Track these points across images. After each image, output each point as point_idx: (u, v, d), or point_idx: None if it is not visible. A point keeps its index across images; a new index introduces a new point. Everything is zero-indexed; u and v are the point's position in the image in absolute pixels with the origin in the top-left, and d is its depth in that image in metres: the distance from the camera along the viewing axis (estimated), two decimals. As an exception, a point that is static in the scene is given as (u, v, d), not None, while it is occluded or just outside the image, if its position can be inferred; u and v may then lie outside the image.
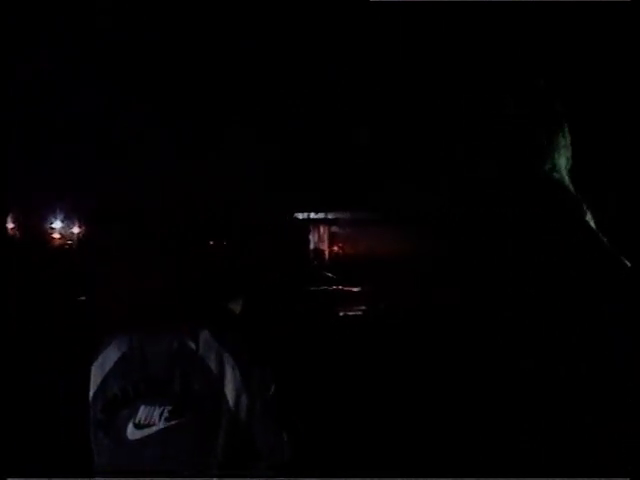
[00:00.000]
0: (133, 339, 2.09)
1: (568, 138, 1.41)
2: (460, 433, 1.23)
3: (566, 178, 1.38)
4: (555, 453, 1.19)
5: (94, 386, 2.14)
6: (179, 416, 1.97)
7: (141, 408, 2.00)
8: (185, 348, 2.02)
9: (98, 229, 2.09)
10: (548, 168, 1.37)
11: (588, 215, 1.34)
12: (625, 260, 1.27)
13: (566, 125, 1.41)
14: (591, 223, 1.33)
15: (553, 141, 1.38)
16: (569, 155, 1.40)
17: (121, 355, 2.11)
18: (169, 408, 1.98)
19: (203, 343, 2.02)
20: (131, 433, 2.00)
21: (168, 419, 1.97)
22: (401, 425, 1.29)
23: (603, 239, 1.30)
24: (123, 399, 2.04)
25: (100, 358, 2.16)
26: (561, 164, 1.39)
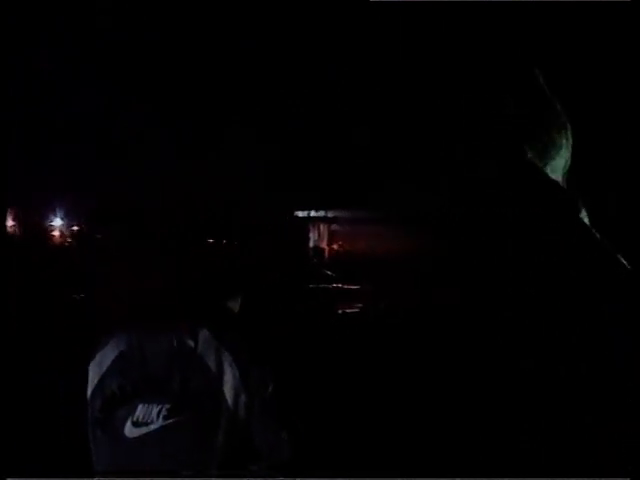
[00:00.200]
0: (132, 337, 2.09)
1: (570, 139, 1.41)
2: (460, 433, 1.24)
3: (561, 178, 1.38)
4: (555, 453, 1.19)
5: (92, 385, 2.14)
6: (177, 414, 1.97)
7: (139, 406, 2.00)
8: (184, 347, 2.02)
9: (98, 229, 2.09)
10: (546, 168, 1.37)
11: (583, 213, 1.34)
12: (621, 258, 1.27)
13: (569, 127, 1.41)
14: (585, 220, 1.33)
15: (554, 142, 1.38)
16: (568, 156, 1.40)
17: (119, 353, 2.11)
18: (167, 406, 1.98)
19: (202, 342, 2.02)
20: (129, 431, 2.00)
21: (166, 417, 1.97)
22: (401, 425, 1.29)
23: (598, 237, 1.30)
24: (121, 397, 2.04)
25: (98, 357, 2.16)
26: (559, 164, 1.39)
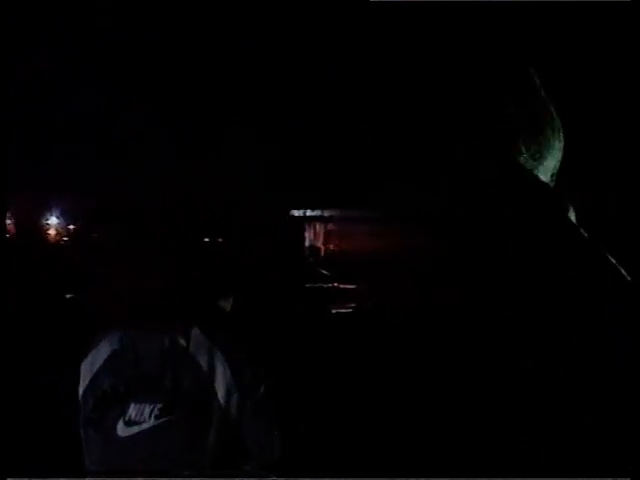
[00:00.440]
0: (124, 336, 2.09)
1: (562, 141, 1.41)
2: (460, 433, 1.24)
3: (550, 179, 1.38)
4: (555, 453, 1.19)
5: (84, 384, 2.14)
6: (170, 414, 1.97)
7: (132, 405, 2.00)
8: (176, 346, 2.02)
9: (98, 229, 2.09)
10: (538, 169, 1.37)
11: (571, 212, 1.34)
12: (612, 258, 1.27)
13: (561, 128, 1.41)
14: (572, 217, 1.33)
15: (549, 143, 1.38)
16: (559, 158, 1.40)
17: (112, 352, 2.11)
18: (160, 406, 1.98)
19: (194, 341, 2.02)
20: (121, 430, 2.00)
21: (159, 417, 1.97)
22: (400, 424, 1.29)
23: (586, 237, 1.30)
24: (114, 396, 2.04)
25: (90, 356, 2.16)
26: (550, 165, 1.39)
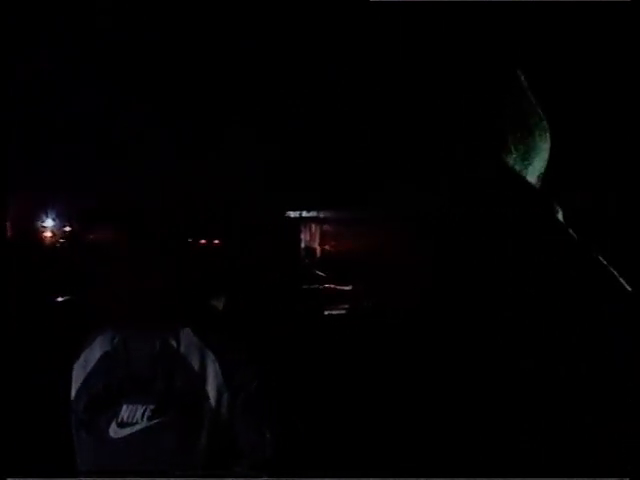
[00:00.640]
0: (116, 338, 2.09)
1: (549, 143, 1.42)
2: (460, 433, 1.24)
3: (536, 180, 1.38)
4: (555, 453, 1.19)
5: (76, 385, 2.14)
6: (162, 415, 1.97)
7: (124, 407, 2.00)
8: (167, 347, 2.02)
9: (98, 229, 2.09)
10: (527, 170, 1.37)
11: (559, 213, 1.34)
12: (602, 259, 1.27)
13: (548, 129, 1.41)
14: (560, 219, 1.34)
15: (536, 144, 1.39)
16: (546, 159, 1.41)
17: (104, 353, 2.11)
18: (152, 407, 1.98)
19: (185, 341, 2.02)
20: (114, 432, 2.00)
21: (151, 418, 1.97)
22: (399, 425, 1.29)
23: (576, 238, 1.30)
24: (106, 398, 2.04)
25: (82, 357, 2.16)
26: (537, 167, 1.39)
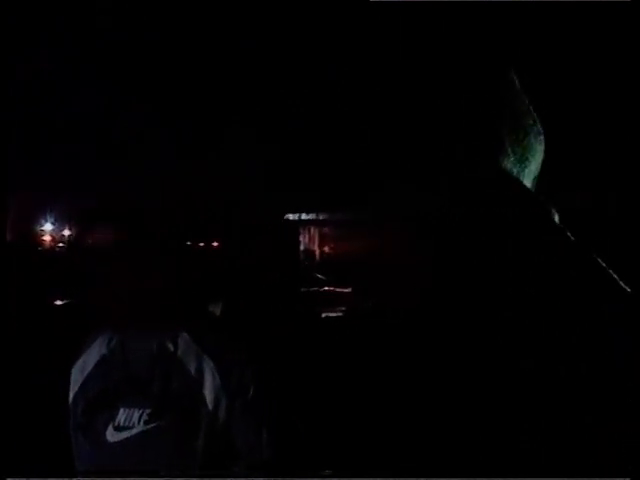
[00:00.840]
0: (113, 341, 2.09)
1: (543, 145, 1.42)
2: (460, 433, 1.24)
3: (532, 183, 1.39)
4: (555, 453, 1.19)
5: (74, 388, 2.14)
6: (158, 419, 1.97)
7: (121, 410, 2.00)
8: (164, 351, 2.02)
9: (98, 229, 2.09)
10: (524, 173, 1.38)
11: (555, 216, 1.34)
12: (601, 261, 1.28)
13: (542, 132, 1.42)
14: (556, 218, 1.34)
15: (532, 147, 1.39)
16: (540, 161, 1.41)
17: (101, 357, 2.10)
18: (149, 410, 1.98)
19: (182, 345, 2.02)
20: (111, 435, 2.00)
21: (147, 422, 1.97)
22: (398, 425, 1.29)
23: (572, 239, 1.30)
24: (103, 401, 2.04)
25: (81, 360, 2.16)
26: (533, 169, 1.39)
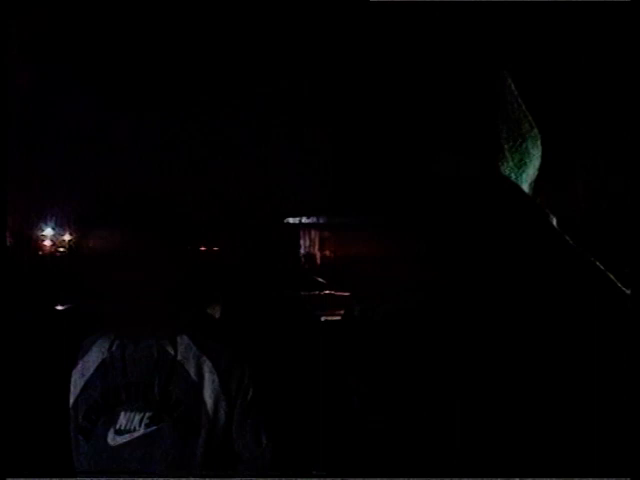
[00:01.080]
0: (113, 344, 2.09)
1: (540, 149, 1.42)
2: (459, 433, 1.24)
3: (528, 187, 1.39)
4: (555, 453, 1.19)
5: (75, 392, 2.14)
6: (159, 422, 1.97)
7: (122, 414, 2.01)
8: (164, 354, 2.02)
9: (98, 230, 2.09)
10: (522, 177, 1.37)
11: (553, 220, 1.34)
12: (599, 263, 1.27)
13: (539, 136, 1.41)
14: (554, 222, 1.34)
15: (529, 150, 1.39)
16: (538, 166, 1.41)
17: (101, 361, 2.11)
18: (149, 414, 1.98)
19: (182, 349, 2.02)
20: (112, 439, 2.01)
21: (148, 425, 1.98)
22: (398, 424, 1.29)
23: (571, 242, 1.30)
24: (104, 405, 2.04)
25: (80, 364, 2.16)
26: (530, 174, 1.39)
